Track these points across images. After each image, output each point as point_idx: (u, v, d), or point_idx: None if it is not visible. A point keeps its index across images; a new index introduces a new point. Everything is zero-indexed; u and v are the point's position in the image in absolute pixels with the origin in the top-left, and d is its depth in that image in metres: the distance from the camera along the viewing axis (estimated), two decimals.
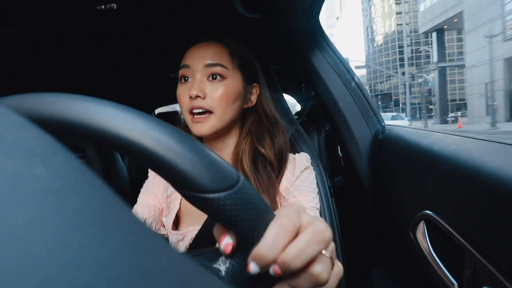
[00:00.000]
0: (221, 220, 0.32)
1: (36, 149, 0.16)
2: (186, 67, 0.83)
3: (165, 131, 0.29)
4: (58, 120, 0.28)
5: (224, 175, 0.31)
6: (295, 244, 0.32)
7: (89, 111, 0.28)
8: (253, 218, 0.32)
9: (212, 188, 0.30)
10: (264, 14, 1.10)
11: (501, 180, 0.47)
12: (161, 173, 0.30)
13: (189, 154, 0.29)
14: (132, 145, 0.28)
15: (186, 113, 0.82)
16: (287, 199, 0.85)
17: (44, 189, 0.14)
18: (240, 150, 0.86)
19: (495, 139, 0.66)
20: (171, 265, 0.16)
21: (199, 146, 0.31)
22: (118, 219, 0.15)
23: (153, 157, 0.28)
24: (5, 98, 0.28)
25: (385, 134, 1.10)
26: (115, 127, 0.28)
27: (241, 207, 0.31)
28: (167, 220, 0.87)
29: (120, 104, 0.29)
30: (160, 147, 0.28)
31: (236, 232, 0.33)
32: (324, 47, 1.26)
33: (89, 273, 0.12)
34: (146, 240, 0.16)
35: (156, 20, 1.18)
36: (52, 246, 0.12)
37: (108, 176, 1.78)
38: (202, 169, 0.29)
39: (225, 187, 0.30)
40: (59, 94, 0.29)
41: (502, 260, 0.46)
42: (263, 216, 0.33)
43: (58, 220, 0.13)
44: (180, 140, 0.29)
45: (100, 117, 0.28)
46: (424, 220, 0.72)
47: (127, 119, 0.28)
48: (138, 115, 0.29)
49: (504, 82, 20.73)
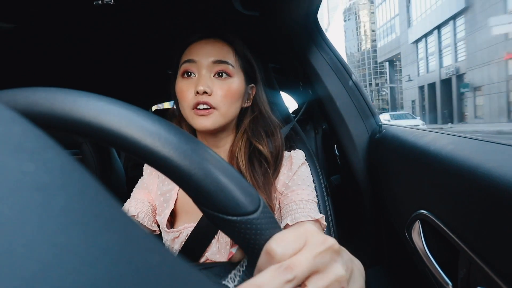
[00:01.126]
0: (238, 241, 0.33)
1: (26, 144, 0.16)
2: (192, 62, 0.82)
3: (196, 149, 0.30)
4: (58, 116, 0.27)
5: (248, 199, 0.31)
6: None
7: (121, 119, 0.28)
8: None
9: (235, 212, 0.30)
10: (263, 12, 1.10)
11: (497, 180, 0.47)
12: (186, 190, 0.30)
13: (219, 176, 0.30)
14: (162, 159, 0.28)
15: (188, 108, 0.81)
16: (286, 194, 0.85)
17: (31, 185, 0.14)
18: (237, 148, 0.86)
19: (492, 139, 0.66)
20: (161, 263, 0.15)
21: (228, 168, 0.31)
22: (107, 216, 0.15)
23: (181, 175, 0.29)
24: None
25: (381, 133, 1.10)
26: (142, 139, 0.28)
27: (259, 231, 0.32)
28: (160, 218, 0.87)
29: (132, 106, 0.30)
30: (191, 166, 0.29)
31: (250, 253, 0.33)
32: (322, 45, 1.26)
33: (73, 272, 0.12)
34: (136, 238, 0.15)
35: (153, 15, 1.18)
36: (36, 244, 0.12)
37: (104, 172, 1.77)
38: (229, 192, 0.30)
39: (248, 211, 0.31)
40: (56, 89, 0.29)
41: (497, 260, 0.46)
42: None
43: (44, 217, 0.13)
44: (211, 160, 0.30)
45: (131, 128, 0.28)
46: (419, 220, 0.72)
47: (156, 131, 0.28)
48: (166, 125, 0.29)
49: (419, 101, 34.98)
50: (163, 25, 1.26)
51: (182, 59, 0.84)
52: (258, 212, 0.32)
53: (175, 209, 0.88)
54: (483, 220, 0.50)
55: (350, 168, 1.28)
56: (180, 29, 1.28)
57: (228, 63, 0.82)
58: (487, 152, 0.59)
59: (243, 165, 0.84)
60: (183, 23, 1.24)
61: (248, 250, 0.33)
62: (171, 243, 0.85)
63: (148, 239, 0.16)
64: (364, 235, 1.34)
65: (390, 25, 45.99)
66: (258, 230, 0.31)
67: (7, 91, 0.28)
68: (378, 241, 1.24)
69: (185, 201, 0.88)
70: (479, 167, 0.53)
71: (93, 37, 1.33)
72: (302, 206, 0.81)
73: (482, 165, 0.53)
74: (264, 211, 0.32)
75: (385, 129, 1.11)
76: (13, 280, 0.11)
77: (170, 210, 0.86)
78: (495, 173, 0.49)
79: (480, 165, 0.53)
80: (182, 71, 0.83)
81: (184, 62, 0.83)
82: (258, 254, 0.32)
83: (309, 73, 1.28)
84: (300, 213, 0.79)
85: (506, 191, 0.45)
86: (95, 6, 0.99)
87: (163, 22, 1.24)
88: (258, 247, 0.32)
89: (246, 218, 0.31)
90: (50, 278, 0.11)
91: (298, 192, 0.84)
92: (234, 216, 0.30)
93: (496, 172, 0.49)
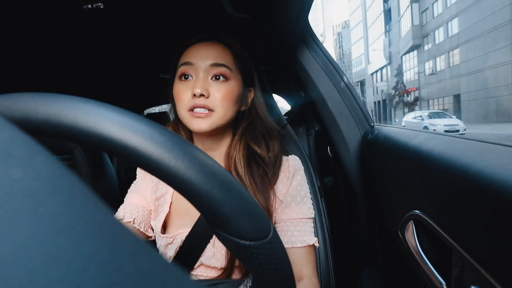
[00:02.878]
0: (249, 264, 0.33)
1: (13, 150, 0.15)
2: (189, 65, 0.82)
3: (215, 171, 0.30)
4: (47, 122, 0.27)
5: (261, 225, 0.32)
6: None
7: (116, 127, 0.27)
8: (275, 268, 0.34)
9: (249, 237, 0.31)
10: (253, 15, 1.10)
11: (489, 179, 0.48)
12: (202, 212, 0.30)
13: (236, 200, 0.30)
14: (181, 181, 0.28)
15: (184, 110, 0.81)
16: (284, 208, 0.86)
17: (19, 192, 0.13)
18: (235, 150, 0.86)
19: (483, 139, 0.67)
20: (153, 270, 0.15)
21: (243, 192, 0.32)
22: (97, 223, 0.15)
23: (200, 198, 0.29)
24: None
25: (374, 134, 1.11)
26: (161, 158, 0.28)
27: (270, 256, 0.33)
28: (155, 223, 0.86)
29: (137, 115, 0.29)
30: (209, 190, 0.29)
31: (258, 275, 0.34)
32: (313, 47, 1.26)
33: (62, 279, 0.12)
34: (127, 245, 0.15)
35: (143, 19, 1.17)
36: (23, 251, 0.12)
37: (97, 177, 1.76)
38: (244, 217, 0.31)
39: (261, 236, 0.32)
40: (43, 93, 0.28)
41: (490, 259, 0.47)
42: (285, 265, 0.35)
43: (32, 224, 0.13)
44: (228, 185, 0.30)
45: (138, 141, 0.28)
46: (412, 220, 0.73)
47: (174, 151, 0.28)
48: (183, 143, 0.29)
49: (374, 111, 51.84)
50: (152, 28, 1.26)
51: (180, 62, 0.84)
52: (270, 237, 0.33)
53: (169, 213, 0.88)
54: (475, 219, 0.51)
55: (343, 169, 1.28)
56: (170, 32, 1.28)
57: (226, 66, 0.82)
58: (478, 152, 0.60)
59: (241, 168, 0.83)
60: (174, 27, 1.24)
61: (257, 273, 0.34)
62: (164, 249, 0.84)
63: (139, 246, 0.16)
64: (358, 236, 1.34)
65: (359, 59, 65.66)
66: (269, 255, 0.33)
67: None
68: (372, 242, 1.24)
69: (179, 205, 0.88)
70: (471, 166, 0.53)
71: (83, 42, 1.33)
72: (299, 227, 0.83)
73: (473, 164, 0.53)
74: (275, 235, 0.34)
75: (377, 130, 1.11)
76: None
77: (165, 214, 0.86)
78: (486, 172, 0.50)
79: (471, 164, 0.54)
80: (180, 74, 0.83)
81: (182, 64, 0.83)
82: (267, 277, 0.34)
83: (301, 75, 1.28)
84: (296, 237, 0.82)
85: (498, 189, 0.45)
86: (84, 10, 0.99)
87: (153, 26, 1.23)
88: (269, 272, 0.33)
89: (260, 243, 0.32)
90: (38, 286, 0.11)
91: (296, 211, 0.85)
92: (249, 241, 0.31)
93: (487, 171, 0.49)
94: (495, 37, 21.49)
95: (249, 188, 0.81)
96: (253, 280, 0.40)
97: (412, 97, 37.28)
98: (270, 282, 0.34)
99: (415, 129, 1.06)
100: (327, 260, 1.05)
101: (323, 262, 1.05)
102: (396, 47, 41.88)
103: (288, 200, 0.86)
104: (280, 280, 0.34)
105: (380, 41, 49.87)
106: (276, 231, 0.35)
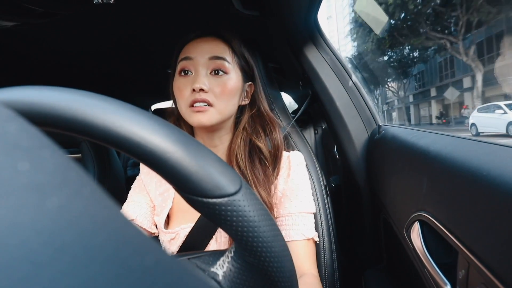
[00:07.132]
0: (221, 225, 0.32)
1: (21, 142, 0.16)
2: (188, 59, 0.83)
3: (170, 133, 0.29)
4: (53, 115, 0.27)
5: (227, 181, 0.30)
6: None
7: (93, 109, 0.27)
8: (253, 225, 0.32)
9: (214, 194, 0.30)
10: (263, 12, 1.10)
11: (497, 181, 0.47)
12: (164, 175, 0.29)
13: (194, 159, 0.29)
14: (137, 146, 0.28)
15: (185, 105, 0.82)
16: (283, 202, 0.86)
17: (25, 184, 0.14)
18: (236, 145, 0.86)
19: (492, 141, 0.66)
20: (157, 265, 0.15)
21: (203, 149, 0.31)
22: (102, 217, 0.15)
23: (157, 160, 0.28)
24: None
25: (381, 134, 1.10)
26: (118, 126, 0.27)
27: (242, 213, 0.31)
28: (159, 218, 0.87)
29: (119, 101, 0.29)
30: (164, 150, 0.28)
31: (236, 238, 0.33)
32: (322, 45, 1.26)
33: (68, 273, 0.12)
34: (131, 239, 0.15)
35: (153, 15, 1.18)
36: (29, 245, 0.12)
37: (103, 172, 1.77)
38: (205, 175, 0.29)
39: (228, 193, 0.30)
40: (51, 87, 0.29)
41: (496, 261, 0.46)
42: (262, 222, 0.33)
43: (39, 218, 0.13)
44: (185, 144, 0.29)
45: (105, 116, 0.27)
46: (418, 221, 0.72)
47: (131, 119, 0.28)
48: (142, 115, 0.29)
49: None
50: (163, 24, 1.26)
51: (180, 57, 0.85)
52: (239, 193, 0.31)
53: (172, 209, 0.88)
54: (482, 221, 0.50)
55: (349, 168, 1.27)
56: (180, 28, 1.28)
57: (224, 59, 0.83)
58: (487, 153, 0.59)
59: (242, 162, 0.84)
60: (182, 23, 1.24)
61: (233, 235, 0.32)
62: (167, 244, 0.85)
63: (143, 240, 0.16)
64: (363, 236, 1.33)
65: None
66: (240, 212, 0.31)
67: (2, 90, 0.28)
68: (377, 242, 1.24)
69: (182, 200, 0.88)
70: (479, 168, 0.53)
71: (92, 36, 1.33)
72: (298, 221, 0.83)
73: (482, 166, 0.53)
74: (246, 192, 0.32)
75: (384, 130, 1.10)
76: (5, 281, 0.10)
77: (168, 209, 0.86)
78: (494, 174, 0.49)
79: (480, 166, 0.53)
80: (180, 69, 0.84)
81: (181, 60, 0.84)
82: (244, 238, 0.32)
83: (308, 73, 1.28)
84: (295, 230, 0.82)
85: (506, 192, 0.45)
86: (94, 4, 0.99)
87: (163, 22, 1.24)
88: (243, 230, 0.31)
89: (227, 200, 0.30)
90: (44, 279, 0.11)
91: (295, 204, 0.85)
92: (214, 198, 0.30)
93: (496, 173, 0.49)
94: None
95: (251, 181, 0.82)
96: (235, 246, 0.38)
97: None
98: (249, 243, 0.32)
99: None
100: (332, 259, 1.05)
101: (328, 261, 1.04)
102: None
103: (287, 194, 0.86)
104: (260, 239, 0.32)
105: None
106: (249, 188, 0.33)
